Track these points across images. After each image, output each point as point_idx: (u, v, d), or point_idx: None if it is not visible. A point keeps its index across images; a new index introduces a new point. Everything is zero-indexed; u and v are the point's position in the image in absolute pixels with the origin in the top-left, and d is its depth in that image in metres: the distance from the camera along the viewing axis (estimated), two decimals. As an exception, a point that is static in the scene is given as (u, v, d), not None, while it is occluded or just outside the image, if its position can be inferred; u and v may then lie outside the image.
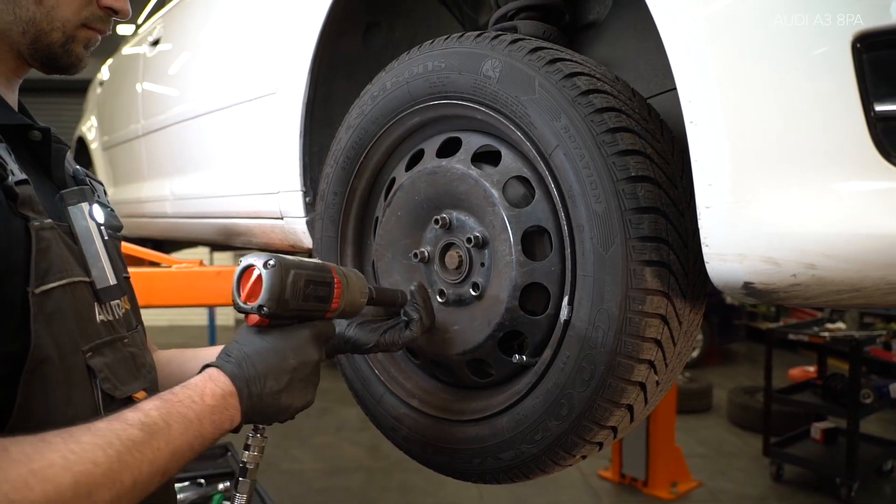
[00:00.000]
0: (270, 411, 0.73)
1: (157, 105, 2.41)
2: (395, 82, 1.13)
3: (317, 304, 0.79)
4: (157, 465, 0.60)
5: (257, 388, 0.71)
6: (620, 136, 0.85)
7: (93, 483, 0.54)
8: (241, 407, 0.70)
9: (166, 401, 0.65)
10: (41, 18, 0.73)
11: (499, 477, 1.00)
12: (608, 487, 4.32)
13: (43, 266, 0.64)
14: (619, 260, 0.83)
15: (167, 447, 0.61)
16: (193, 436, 0.64)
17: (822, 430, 4.47)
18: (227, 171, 1.87)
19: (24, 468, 0.51)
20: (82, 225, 0.74)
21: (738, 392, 5.68)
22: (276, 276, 0.73)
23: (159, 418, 0.62)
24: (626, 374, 0.85)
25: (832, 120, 0.66)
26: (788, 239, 0.68)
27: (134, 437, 0.59)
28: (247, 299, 0.74)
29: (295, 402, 0.76)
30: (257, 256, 0.75)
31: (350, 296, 0.84)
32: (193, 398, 0.66)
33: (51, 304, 0.64)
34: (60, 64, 0.77)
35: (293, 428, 5.35)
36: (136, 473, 0.58)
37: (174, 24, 2.35)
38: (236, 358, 0.72)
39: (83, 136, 3.64)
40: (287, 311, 0.75)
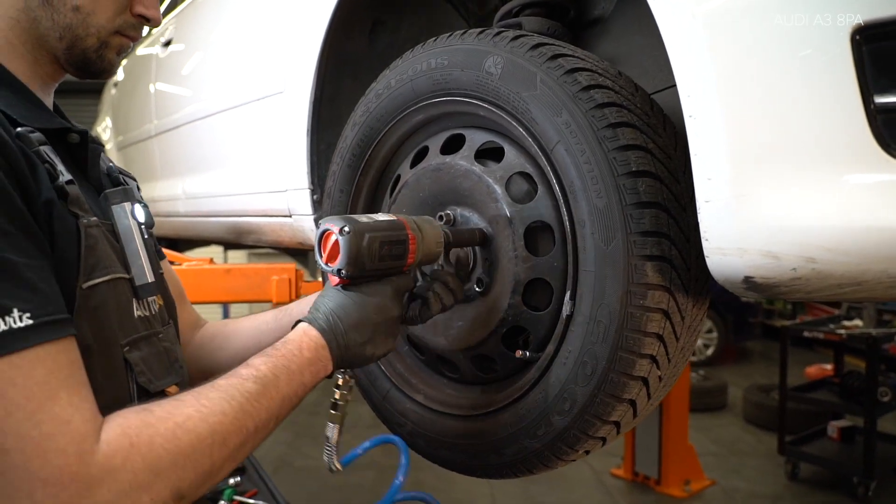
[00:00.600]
0: (357, 360, 0.81)
1: (170, 105, 2.44)
2: (399, 80, 1.14)
3: (392, 262, 0.84)
4: (272, 411, 0.69)
5: (344, 341, 0.79)
6: (621, 131, 0.85)
7: (225, 431, 0.64)
8: (332, 357, 0.78)
9: (271, 356, 0.73)
10: (77, 25, 0.76)
11: (502, 472, 1.01)
12: (620, 485, 4.31)
13: (91, 262, 0.69)
14: (620, 255, 0.83)
15: (278, 395, 0.70)
16: (298, 384, 0.73)
17: (838, 429, 4.42)
18: (237, 169, 1.89)
19: (170, 423, 0.61)
20: (124, 224, 0.78)
21: (752, 390, 5.63)
22: (351, 242, 0.78)
23: (269, 372, 0.70)
24: (628, 368, 0.85)
25: (831, 112, 0.65)
26: (788, 232, 0.68)
27: (251, 390, 0.67)
28: (328, 261, 0.80)
29: (378, 350, 0.83)
30: (334, 221, 0.80)
31: (426, 247, 0.88)
32: (294, 352, 0.74)
33: (95, 299, 0.68)
34: (94, 69, 0.81)
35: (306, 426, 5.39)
36: (256, 420, 0.67)
37: (185, 25, 2.38)
38: (324, 314, 0.80)
39: (98, 137, 3.69)
40: (365, 272, 0.81)
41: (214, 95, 2.02)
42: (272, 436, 1.46)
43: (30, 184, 0.62)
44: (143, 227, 0.81)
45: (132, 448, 0.58)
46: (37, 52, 0.77)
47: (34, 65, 0.78)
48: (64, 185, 0.68)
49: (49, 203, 0.65)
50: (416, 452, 1.14)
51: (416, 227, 0.87)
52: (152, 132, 2.61)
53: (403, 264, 0.85)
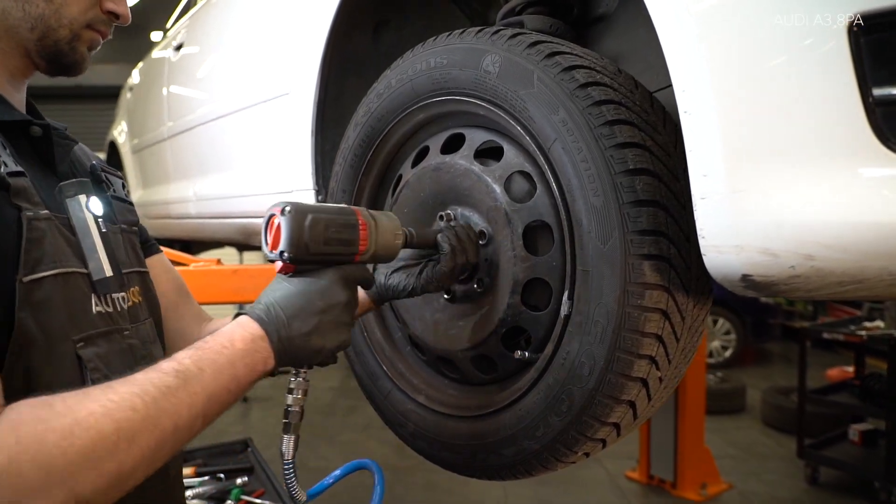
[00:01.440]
0: (303, 353, 0.75)
1: (181, 108, 2.46)
2: (399, 79, 1.14)
3: (341, 247, 0.79)
4: (195, 409, 0.63)
5: (286, 331, 0.73)
6: (619, 128, 0.84)
7: (134, 428, 0.58)
8: (273, 349, 0.72)
9: (198, 348, 0.68)
10: (50, 15, 0.76)
11: (502, 473, 1.00)
12: (636, 489, 4.26)
13: (35, 256, 0.66)
14: (617, 254, 0.82)
15: (203, 392, 0.64)
16: (228, 379, 0.67)
17: (860, 432, 4.32)
18: (245, 171, 1.91)
19: (68, 419, 0.55)
20: (79, 217, 0.76)
21: (771, 392, 5.53)
22: (292, 221, 0.74)
23: (192, 365, 0.65)
24: (626, 369, 0.84)
25: (829, 106, 0.63)
26: (785, 229, 0.66)
27: (169, 384, 0.62)
28: (272, 248, 0.76)
29: (327, 343, 0.77)
30: (278, 204, 0.76)
31: (381, 237, 0.83)
32: (224, 344, 0.69)
33: (40, 293, 0.66)
34: (66, 62, 0.80)
35: (321, 426, 5.42)
36: (175, 418, 0.61)
37: (195, 29, 2.40)
38: (264, 304, 0.75)
39: (114, 141, 3.74)
40: (309, 255, 0.76)
41: (224, 98, 2.03)
42: None
43: None
44: (100, 220, 0.79)
45: (18, 446, 0.52)
46: (4, 44, 0.76)
47: (2, 57, 0.77)
48: (5, 175, 0.66)
49: None
50: (417, 454, 1.13)
51: (370, 216, 0.83)
52: (165, 135, 2.64)
53: (354, 252, 0.80)
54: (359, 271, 0.83)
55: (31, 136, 0.77)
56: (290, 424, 0.79)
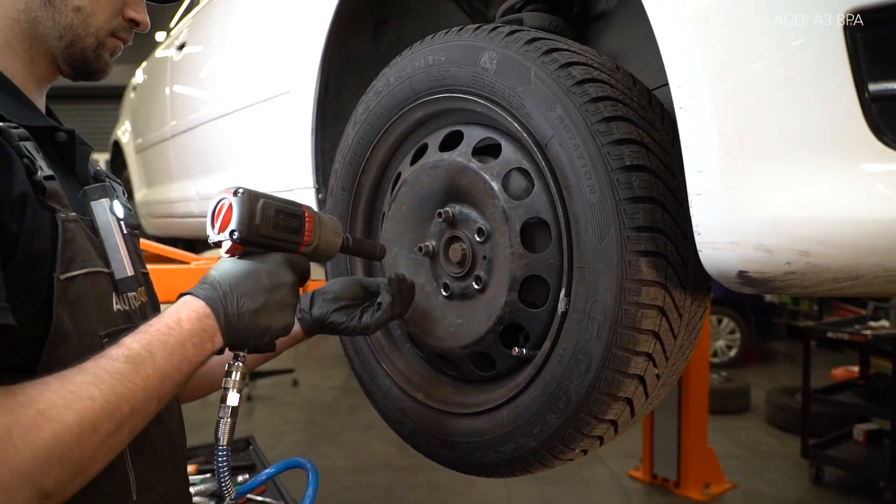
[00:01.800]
0: (249, 332, 0.75)
1: (184, 107, 2.47)
2: (398, 77, 1.14)
3: (288, 234, 0.82)
4: (149, 391, 0.64)
5: (233, 308, 0.73)
6: (615, 125, 0.84)
7: (94, 417, 0.59)
8: (220, 326, 0.72)
9: (145, 332, 0.68)
10: (78, 24, 0.79)
11: (500, 470, 1.00)
12: (639, 488, 4.25)
13: (68, 255, 0.69)
14: (613, 250, 0.82)
15: (155, 374, 0.65)
16: (179, 360, 0.68)
17: (864, 432, 4.30)
18: (247, 170, 1.91)
19: (31, 410, 0.56)
20: (103, 219, 0.78)
21: (776, 392, 5.51)
22: (245, 202, 0.76)
23: (141, 349, 0.65)
24: (623, 366, 0.84)
25: (824, 101, 0.63)
26: (780, 225, 0.66)
27: (121, 370, 0.62)
28: (221, 229, 0.77)
29: (273, 322, 0.78)
30: (228, 188, 0.78)
31: (324, 234, 0.86)
32: (171, 325, 0.69)
33: (73, 291, 0.69)
34: (91, 68, 0.84)
35: (323, 425, 5.43)
36: (132, 402, 0.62)
37: (197, 28, 2.41)
38: (210, 283, 0.75)
39: (118, 140, 3.76)
40: (258, 236, 0.78)
41: (225, 97, 2.04)
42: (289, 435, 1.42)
43: (1, 178, 0.63)
44: (122, 223, 0.82)
45: None
46: (33, 52, 0.79)
47: (30, 64, 0.80)
48: (42, 179, 0.69)
49: (22, 196, 0.65)
50: (416, 451, 1.13)
51: (315, 213, 0.86)
52: (168, 134, 2.65)
53: (300, 241, 0.83)
54: (302, 261, 0.85)
55: (55, 141, 0.79)
56: (227, 407, 0.79)
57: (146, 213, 3.18)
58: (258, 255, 0.80)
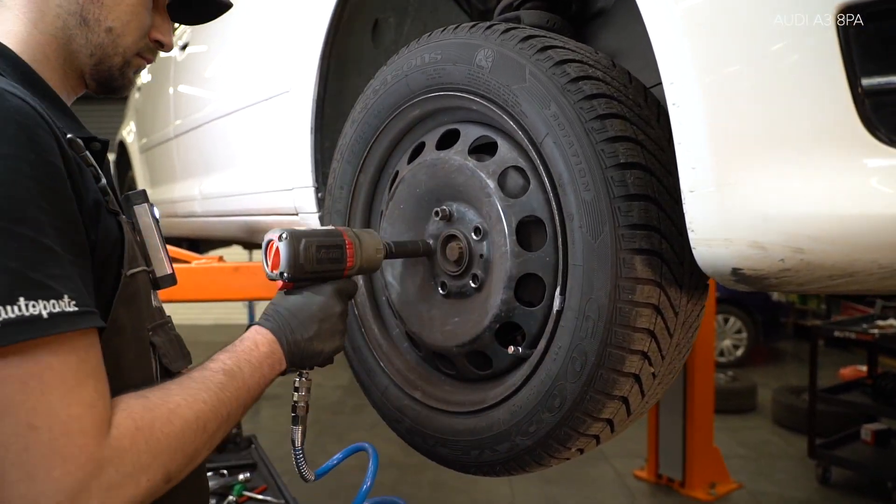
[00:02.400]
0: (306, 355, 0.87)
1: (187, 107, 2.48)
2: (395, 76, 1.14)
3: (331, 265, 0.91)
4: (240, 400, 0.75)
5: (292, 336, 0.85)
6: (610, 122, 0.84)
7: (206, 417, 0.69)
8: (284, 352, 0.84)
9: (233, 352, 0.79)
10: (108, 44, 0.83)
11: (496, 469, 1.00)
12: (644, 488, 4.24)
13: (130, 255, 0.76)
14: (608, 249, 0.82)
15: (244, 386, 0.76)
16: (260, 377, 0.79)
17: (872, 432, 4.27)
18: (248, 169, 1.91)
19: (164, 408, 0.66)
20: (145, 222, 0.86)
21: (782, 392, 5.48)
22: (289, 246, 0.86)
23: (234, 365, 0.77)
24: (618, 364, 0.83)
25: (817, 96, 0.63)
26: (774, 222, 0.66)
27: (221, 381, 0.74)
28: (272, 269, 0.88)
29: (326, 347, 0.89)
30: (275, 231, 0.89)
31: (365, 253, 0.95)
32: (251, 348, 0.81)
33: (132, 287, 0.76)
34: (115, 85, 0.88)
35: (329, 424, 5.44)
36: (228, 407, 0.73)
37: (199, 29, 2.41)
38: (272, 315, 0.87)
39: (123, 141, 3.78)
40: (304, 273, 0.88)
41: (227, 96, 2.04)
42: None
43: (80, 188, 0.67)
44: (159, 224, 0.88)
45: (137, 431, 0.62)
46: (66, 67, 0.83)
47: (63, 78, 0.84)
48: (105, 186, 0.75)
49: (97, 204, 0.71)
50: (414, 450, 1.13)
51: (355, 235, 0.94)
52: (171, 134, 2.66)
53: (343, 268, 0.92)
54: (349, 285, 0.95)
55: (91, 150, 0.82)
56: (298, 417, 0.92)
57: (151, 213, 3.19)
58: (309, 287, 0.90)
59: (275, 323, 0.85)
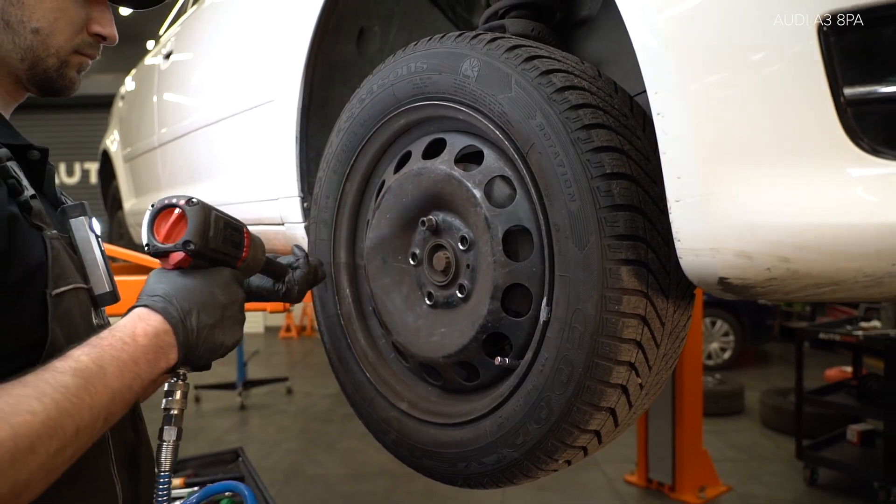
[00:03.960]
0: (205, 348, 0.73)
1: (171, 116, 2.46)
2: (381, 85, 1.13)
3: (233, 248, 0.80)
4: (96, 409, 0.59)
5: (191, 324, 0.71)
6: (596, 132, 0.84)
7: (34, 434, 0.53)
8: (177, 343, 0.70)
9: (96, 346, 0.64)
10: (38, 46, 0.78)
11: (484, 481, 0.99)
12: (634, 492, 4.24)
13: (56, 272, 0.69)
14: (594, 259, 0.81)
15: (105, 391, 0.61)
16: (131, 377, 0.64)
17: (858, 433, 4.30)
18: (233, 179, 1.90)
19: None
20: (82, 236, 0.78)
21: (770, 394, 5.51)
22: (200, 213, 0.74)
23: (91, 363, 0.61)
24: (605, 376, 0.83)
25: (800, 106, 0.63)
26: (759, 231, 0.66)
27: (67, 384, 0.58)
28: (168, 239, 0.74)
29: (227, 338, 0.76)
30: (176, 196, 0.76)
31: (255, 250, 0.86)
32: (125, 340, 0.66)
33: (62, 306, 0.69)
34: (55, 87, 0.82)
35: (319, 433, 5.39)
36: (77, 420, 0.57)
37: (184, 37, 2.40)
38: (163, 296, 0.72)
39: (107, 150, 3.74)
40: (208, 249, 0.75)
41: (211, 105, 2.03)
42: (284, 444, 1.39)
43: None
44: (99, 239, 0.81)
45: None
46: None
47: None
48: (28, 199, 0.69)
49: (12, 218, 0.65)
50: (400, 461, 1.12)
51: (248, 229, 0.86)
52: (155, 143, 2.63)
53: (239, 256, 0.82)
54: (241, 275, 0.84)
55: (27, 160, 0.78)
56: (172, 429, 0.75)
57: (135, 223, 3.16)
58: (204, 268, 0.77)
59: (168, 305, 0.70)
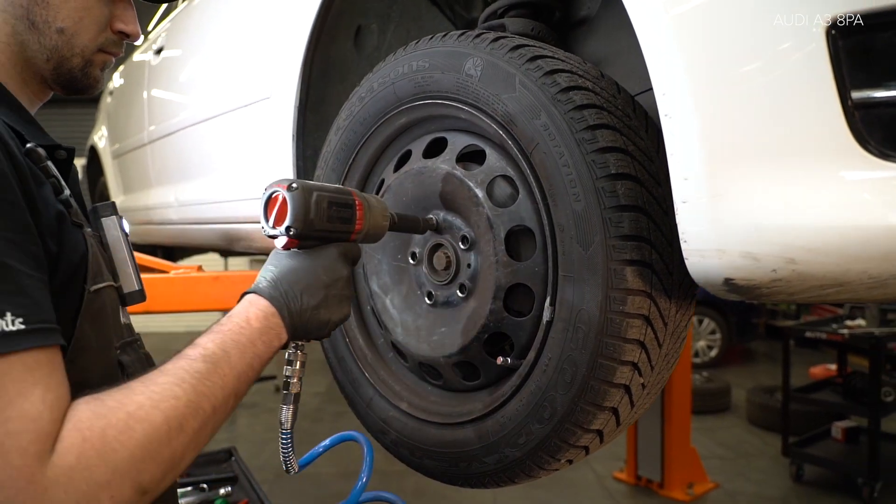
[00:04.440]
0: (312, 326, 0.78)
1: (162, 112, 2.43)
2: (381, 83, 1.13)
3: (341, 224, 0.81)
4: (227, 388, 0.67)
5: (296, 306, 0.76)
6: (600, 133, 0.84)
7: (180, 415, 0.61)
8: (285, 324, 0.75)
9: (218, 332, 0.70)
10: (63, 46, 0.78)
11: (485, 481, 0.99)
12: (623, 489, 4.27)
13: (94, 269, 0.71)
14: (599, 259, 0.82)
15: (231, 372, 0.67)
16: (251, 357, 0.70)
17: (843, 430, 4.36)
18: (227, 176, 1.88)
19: (122, 413, 0.58)
20: (113, 235, 0.80)
21: (756, 391, 5.57)
22: (300, 197, 0.76)
23: (217, 349, 0.68)
24: (609, 376, 0.83)
25: (808, 109, 0.63)
26: (766, 233, 0.66)
27: (200, 370, 0.65)
28: (276, 224, 0.77)
29: (333, 315, 0.80)
30: (281, 181, 0.78)
31: (373, 219, 0.85)
32: (241, 325, 0.72)
33: (97, 302, 0.70)
34: (80, 86, 0.82)
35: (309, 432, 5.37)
36: (212, 400, 0.65)
37: (176, 32, 2.37)
38: (271, 280, 0.76)
39: (95, 146, 3.69)
40: (313, 230, 0.78)
41: (205, 102, 2.01)
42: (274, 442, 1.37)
43: (36, 200, 0.63)
44: (128, 237, 0.83)
45: (85, 443, 0.55)
46: (25, 74, 0.79)
47: (23, 85, 0.80)
48: (68, 198, 0.72)
49: (60, 216, 0.66)
50: (400, 461, 1.12)
51: (364, 198, 0.85)
52: (145, 140, 2.60)
53: (352, 230, 0.83)
54: (354, 248, 0.85)
55: (55, 159, 0.78)
56: (290, 395, 0.82)
57: (124, 220, 3.12)
58: (313, 247, 0.80)
59: (275, 289, 0.75)
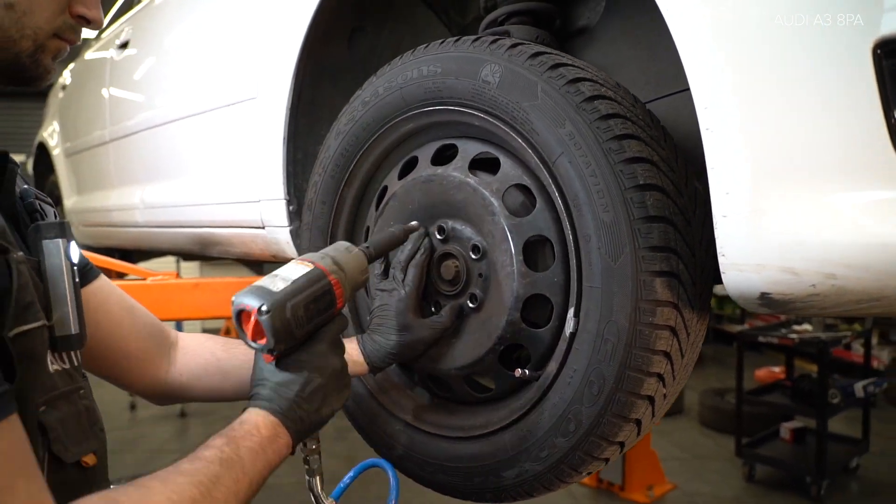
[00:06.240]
0: (315, 426, 0.79)
1: (126, 110, 2.32)
2: (388, 87, 1.10)
3: (323, 316, 0.80)
4: (239, 494, 0.66)
5: (296, 414, 0.76)
6: (627, 143, 0.83)
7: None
8: (290, 433, 0.75)
9: (231, 437, 0.69)
10: (10, 25, 0.64)
11: (500, 496, 0.97)
12: (586, 492, 4.32)
13: (22, 304, 0.58)
14: (628, 271, 0.81)
15: (245, 478, 0.67)
16: (263, 464, 0.70)
17: (790, 430, 4.55)
18: (204, 178, 1.81)
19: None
20: (55, 263, 0.67)
21: (708, 394, 5.75)
22: (275, 319, 0.73)
23: (231, 453, 0.67)
24: (636, 387, 0.83)
25: (852, 127, 0.64)
26: (808, 248, 0.67)
27: (217, 473, 0.64)
28: (254, 338, 0.75)
29: (334, 406, 0.81)
30: (247, 298, 0.74)
31: (351, 282, 0.83)
32: (252, 432, 0.71)
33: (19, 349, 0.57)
34: (27, 76, 0.69)
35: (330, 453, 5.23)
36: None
37: (144, 27, 2.27)
38: (268, 396, 0.76)
39: (44, 142, 3.50)
40: (295, 340, 0.77)
41: (179, 100, 1.92)
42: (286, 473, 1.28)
43: None
44: (75, 269, 0.70)
45: None
46: None
47: None
48: None
49: None
50: (408, 478, 1.09)
51: (336, 265, 0.81)
52: (106, 138, 2.48)
53: (333, 310, 0.81)
54: (341, 324, 0.84)
55: None
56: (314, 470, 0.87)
57: (77, 221, 2.96)
58: (301, 350, 0.79)
59: (275, 404, 0.74)
